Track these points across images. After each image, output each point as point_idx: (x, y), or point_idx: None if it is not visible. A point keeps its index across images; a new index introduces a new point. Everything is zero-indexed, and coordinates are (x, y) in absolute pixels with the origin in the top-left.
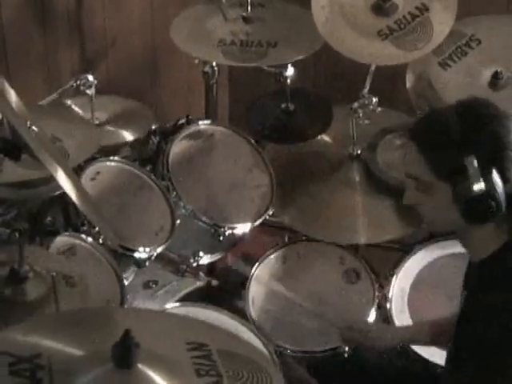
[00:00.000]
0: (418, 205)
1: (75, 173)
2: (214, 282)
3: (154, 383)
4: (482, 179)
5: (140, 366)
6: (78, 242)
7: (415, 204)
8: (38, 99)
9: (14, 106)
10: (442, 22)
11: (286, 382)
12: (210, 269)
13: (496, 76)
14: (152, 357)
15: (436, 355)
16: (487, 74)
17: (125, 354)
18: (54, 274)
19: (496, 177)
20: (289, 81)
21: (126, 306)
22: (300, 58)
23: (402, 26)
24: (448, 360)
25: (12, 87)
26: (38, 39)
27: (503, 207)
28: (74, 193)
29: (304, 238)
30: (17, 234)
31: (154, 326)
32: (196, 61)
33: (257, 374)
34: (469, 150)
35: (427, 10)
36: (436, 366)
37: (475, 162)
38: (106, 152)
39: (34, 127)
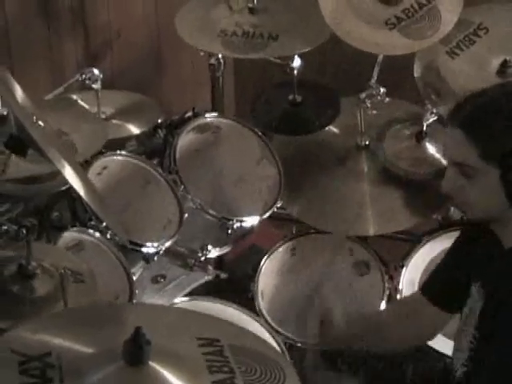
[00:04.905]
0: (459, 191)
1: (82, 168)
2: (223, 276)
3: (165, 380)
4: None
5: (151, 363)
6: (85, 237)
7: (457, 189)
8: (42, 93)
9: (19, 100)
10: (449, 11)
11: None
12: (219, 262)
13: (504, 65)
14: (163, 354)
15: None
16: (495, 63)
17: (136, 351)
18: (63, 270)
19: None
20: (296, 72)
21: (135, 301)
22: (307, 49)
23: (410, 14)
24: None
25: (16, 81)
26: (42, 33)
27: None
28: (81, 188)
29: (313, 229)
30: (24, 231)
31: (164, 321)
32: (201, 53)
33: (270, 369)
34: None
35: None
36: None
37: None
38: (113, 146)
39: (40, 122)
